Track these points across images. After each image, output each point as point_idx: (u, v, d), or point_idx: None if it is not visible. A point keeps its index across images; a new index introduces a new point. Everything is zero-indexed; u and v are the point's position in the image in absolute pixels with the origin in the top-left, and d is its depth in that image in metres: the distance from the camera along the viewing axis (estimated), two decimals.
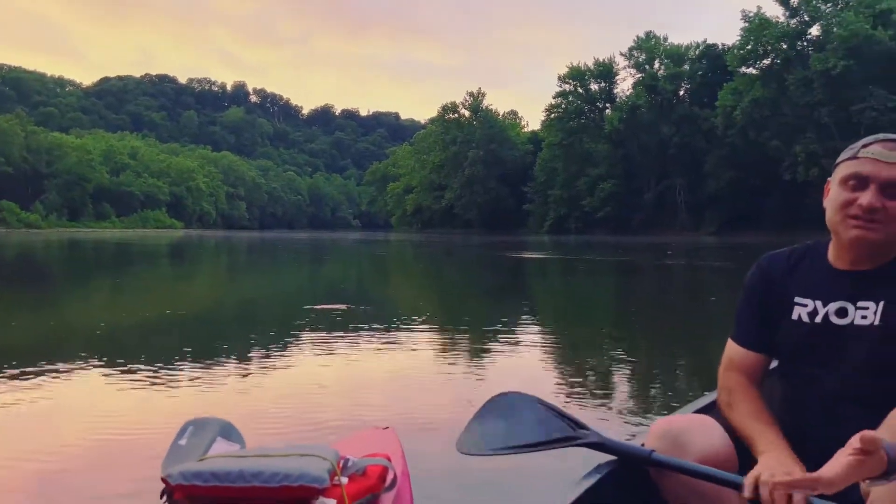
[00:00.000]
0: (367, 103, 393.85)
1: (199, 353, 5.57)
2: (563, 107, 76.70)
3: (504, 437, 1.63)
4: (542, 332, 7.43)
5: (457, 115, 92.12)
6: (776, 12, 58.10)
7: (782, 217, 52.56)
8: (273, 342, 6.10)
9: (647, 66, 71.64)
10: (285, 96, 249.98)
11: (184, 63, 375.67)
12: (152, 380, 4.51)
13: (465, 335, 6.97)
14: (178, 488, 1.41)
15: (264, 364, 5.15)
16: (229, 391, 4.30)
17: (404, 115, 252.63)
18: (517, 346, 6.04)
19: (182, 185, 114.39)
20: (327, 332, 6.60)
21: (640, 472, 1.51)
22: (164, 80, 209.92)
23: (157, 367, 4.87)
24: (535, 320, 8.39)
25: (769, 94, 55.11)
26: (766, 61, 57.55)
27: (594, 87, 77.14)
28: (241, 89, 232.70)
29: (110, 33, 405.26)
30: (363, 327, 6.93)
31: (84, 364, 5.02)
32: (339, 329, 6.81)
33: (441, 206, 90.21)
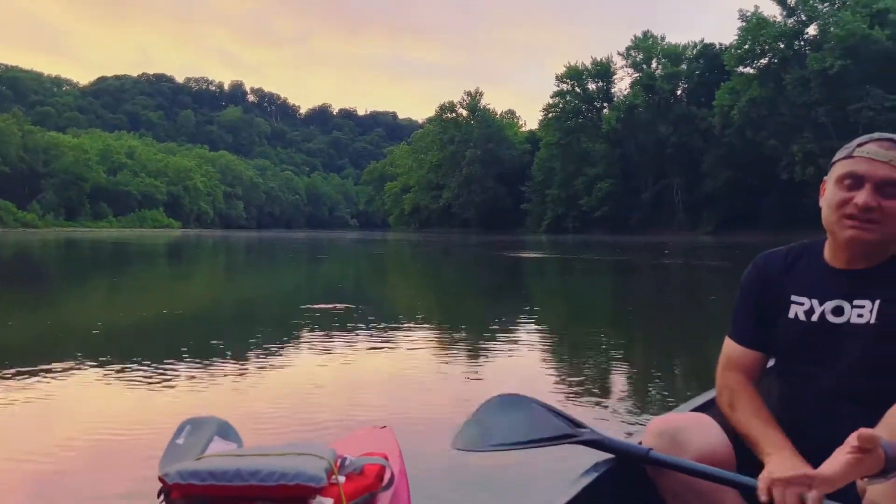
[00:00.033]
0: (365, 103, 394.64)
1: (197, 352, 5.56)
2: (561, 106, 76.71)
3: (500, 434, 1.63)
4: (540, 331, 7.42)
5: (454, 115, 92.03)
6: (773, 12, 58.32)
7: (779, 216, 52.58)
8: (270, 342, 6.09)
9: (644, 66, 71.67)
10: (283, 96, 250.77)
11: (181, 62, 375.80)
12: (149, 379, 4.50)
13: (463, 334, 6.97)
14: (175, 487, 1.41)
15: (261, 363, 5.14)
16: (226, 390, 4.30)
17: (402, 115, 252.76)
18: (514, 346, 6.04)
19: (179, 185, 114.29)
20: (325, 332, 6.60)
21: (637, 471, 1.51)
22: (162, 79, 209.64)
23: (154, 366, 4.87)
24: (532, 320, 8.38)
25: (766, 93, 55.17)
26: (763, 61, 57.66)
27: (592, 86, 77.18)
28: (238, 89, 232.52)
29: (107, 33, 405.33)
30: (360, 327, 6.93)
31: (81, 364, 5.01)
32: (337, 329, 6.81)
33: (439, 206, 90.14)
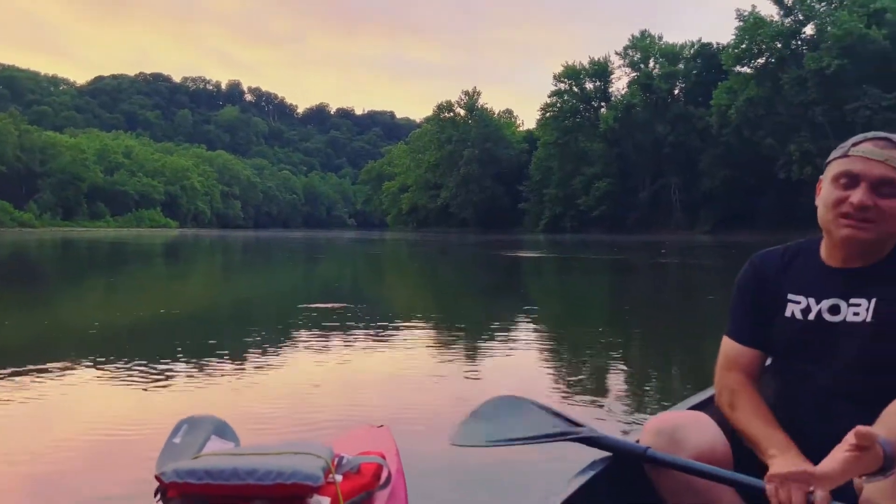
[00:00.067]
0: (363, 102, 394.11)
1: (194, 351, 5.56)
2: (559, 106, 76.69)
3: (498, 431, 1.63)
4: (537, 330, 7.43)
5: (452, 114, 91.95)
6: (770, 11, 58.47)
7: (777, 216, 52.62)
8: (268, 341, 6.09)
9: (642, 65, 71.66)
10: (280, 95, 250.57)
11: (178, 62, 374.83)
12: (147, 379, 4.50)
13: (460, 334, 6.97)
14: (171, 486, 1.41)
15: (259, 363, 5.14)
16: (224, 390, 4.30)
17: (399, 114, 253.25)
18: (512, 345, 6.05)
19: (177, 185, 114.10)
20: (322, 331, 6.60)
21: (635, 469, 1.51)
22: (159, 78, 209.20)
23: (151, 366, 4.86)
24: (530, 319, 8.38)
25: (764, 93, 55.20)
26: (760, 60, 57.67)
27: (589, 85, 77.18)
28: (235, 88, 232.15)
29: (104, 32, 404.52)
30: (358, 326, 6.93)
31: (78, 363, 5.00)
32: (334, 328, 6.81)
33: (436, 205, 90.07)
